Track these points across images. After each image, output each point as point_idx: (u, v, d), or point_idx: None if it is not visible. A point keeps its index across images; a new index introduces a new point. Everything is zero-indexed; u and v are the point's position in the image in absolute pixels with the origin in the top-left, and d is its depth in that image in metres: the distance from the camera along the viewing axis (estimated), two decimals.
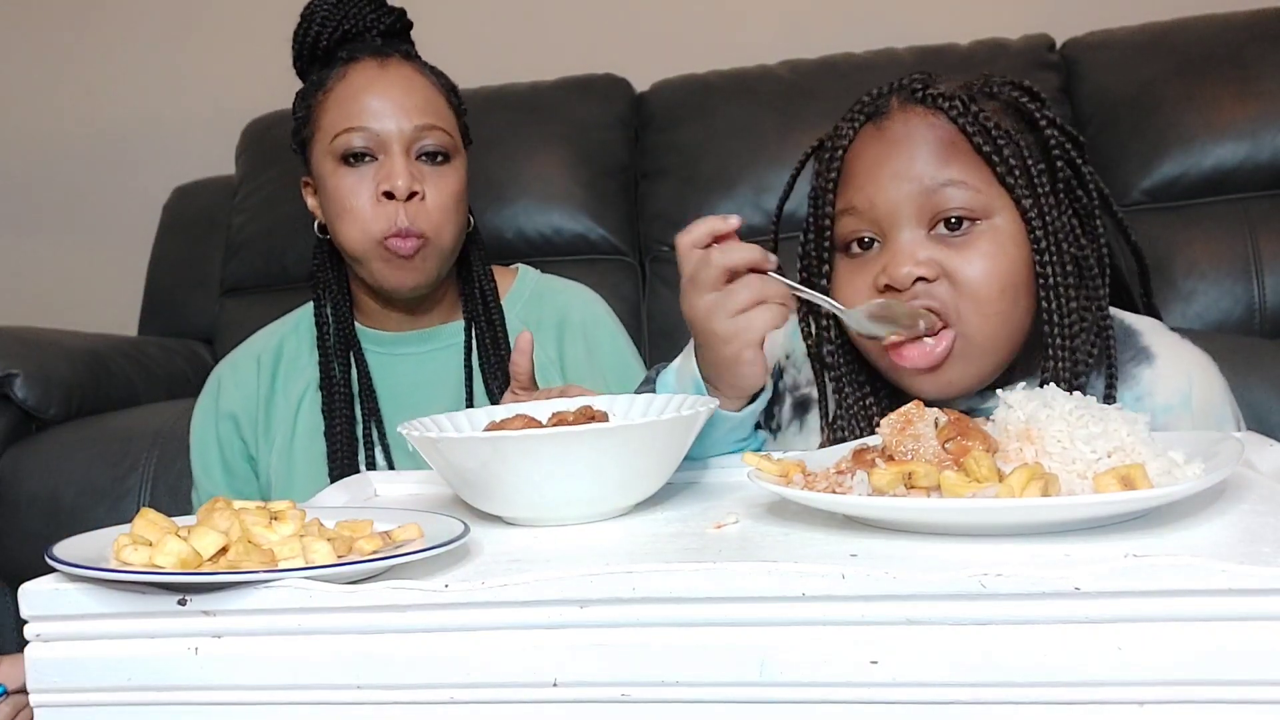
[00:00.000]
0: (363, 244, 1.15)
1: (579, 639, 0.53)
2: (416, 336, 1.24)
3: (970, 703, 0.50)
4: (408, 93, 1.17)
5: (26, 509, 1.60)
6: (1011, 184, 0.84)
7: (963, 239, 0.84)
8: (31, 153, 2.56)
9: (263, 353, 1.27)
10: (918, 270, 0.83)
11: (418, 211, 1.14)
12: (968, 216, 0.84)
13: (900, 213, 0.85)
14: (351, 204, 1.15)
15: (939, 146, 0.85)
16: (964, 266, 0.83)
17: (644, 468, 0.71)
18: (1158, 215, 1.93)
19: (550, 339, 1.25)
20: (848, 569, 0.51)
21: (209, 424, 1.26)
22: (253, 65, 2.46)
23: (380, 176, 1.15)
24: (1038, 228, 0.84)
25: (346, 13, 1.19)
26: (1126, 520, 0.60)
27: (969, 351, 0.84)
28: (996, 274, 0.83)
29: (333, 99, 1.18)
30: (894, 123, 0.88)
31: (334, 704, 0.56)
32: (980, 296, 0.83)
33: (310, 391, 1.22)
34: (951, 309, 0.83)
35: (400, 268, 1.15)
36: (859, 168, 0.87)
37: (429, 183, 1.16)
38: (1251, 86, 1.91)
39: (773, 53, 2.13)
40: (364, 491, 0.89)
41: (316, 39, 1.20)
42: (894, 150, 0.86)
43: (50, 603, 0.58)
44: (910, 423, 0.66)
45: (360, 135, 1.15)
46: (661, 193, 2.07)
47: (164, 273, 2.24)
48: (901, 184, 0.84)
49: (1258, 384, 1.41)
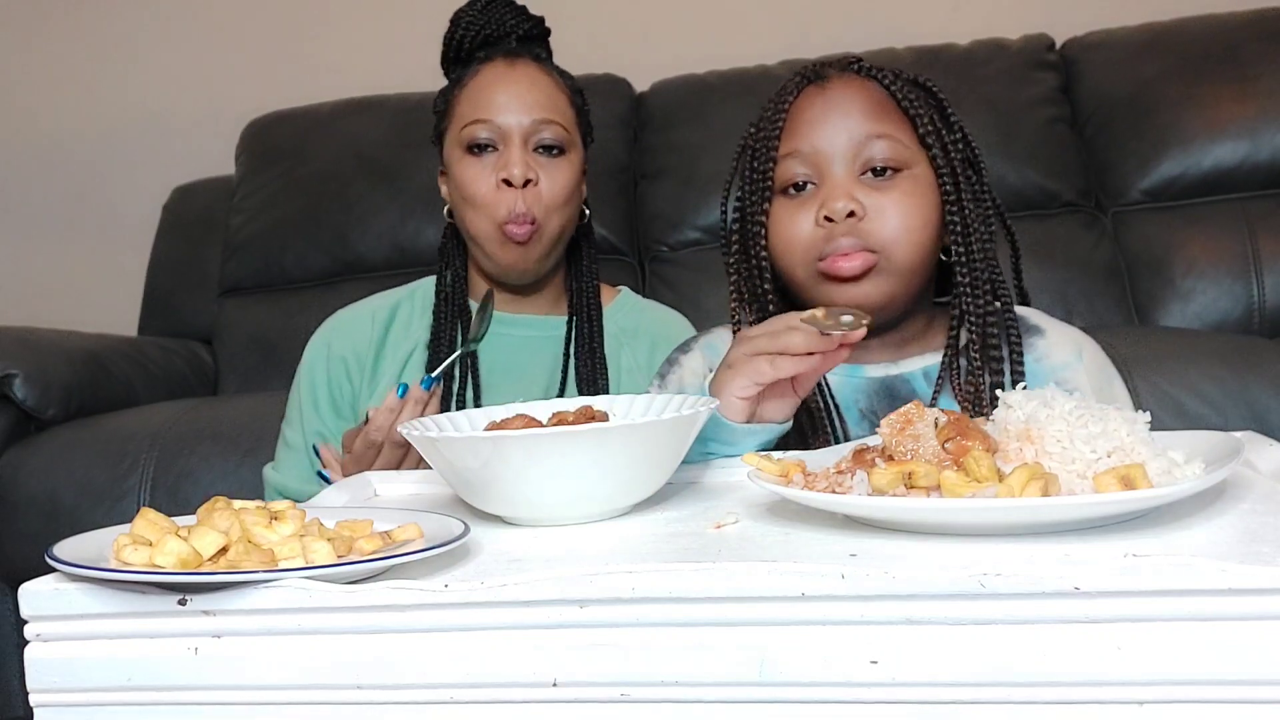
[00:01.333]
0: (484, 228, 1.26)
1: (579, 639, 0.53)
2: (521, 320, 1.33)
3: (970, 703, 0.50)
4: (530, 89, 1.27)
5: (26, 509, 1.60)
6: (930, 143, 1.00)
7: (888, 183, 0.99)
8: (31, 153, 2.56)
9: (378, 310, 1.36)
10: (851, 204, 0.97)
11: (533, 198, 1.24)
12: (892, 166, 0.99)
13: (838, 158, 0.99)
14: (474, 190, 1.25)
15: (872, 106, 1.00)
16: (889, 204, 0.98)
17: (644, 468, 0.71)
18: (1157, 215, 1.93)
19: (643, 348, 1.34)
20: (848, 569, 0.51)
21: (320, 364, 1.33)
22: (253, 65, 2.46)
23: (499, 165, 1.25)
24: (947, 179, 1.00)
25: (490, 18, 1.31)
26: (1126, 520, 0.60)
27: (889, 269, 0.98)
28: (915, 210, 0.98)
29: (465, 94, 1.29)
30: (834, 84, 1.02)
31: (334, 704, 0.56)
32: (901, 226, 0.97)
33: (417, 352, 1.32)
34: (876, 239, 0.97)
35: (513, 251, 1.26)
36: (802, 119, 1.01)
37: (544, 172, 1.26)
38: (1251, 86, 1.91)
39: (773, 53, 2.13)
40: (364, 491, 0.89)
41: (461, 41, 1.31)
42: (835, 105, 1.00)
43: (50, 603, 0.58)
44: (910, 423, 0.66)
45: (484, 127, 1.26)
46: (661, 193, 2.07)
47: (164, 273, 2.24)
48: (839, 134, 0.99)
49: (1258, 384, 1.41)
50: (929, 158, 1.00)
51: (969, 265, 1.00)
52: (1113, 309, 1.87)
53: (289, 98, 2.29)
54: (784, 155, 1.01)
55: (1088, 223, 1.95)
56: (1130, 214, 1.95)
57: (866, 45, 2.08)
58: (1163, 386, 1.43)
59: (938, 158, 1.00)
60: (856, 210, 0.96)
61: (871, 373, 1.03)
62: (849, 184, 0.98)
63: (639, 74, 2.18)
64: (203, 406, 1.75)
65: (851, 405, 1.02)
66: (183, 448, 1.61)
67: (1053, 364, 1.02)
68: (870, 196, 0.98)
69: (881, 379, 1.03)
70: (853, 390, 1.03)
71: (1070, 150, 1.99)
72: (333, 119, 2.21)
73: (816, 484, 0.66)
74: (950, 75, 2.00)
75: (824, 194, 0.98)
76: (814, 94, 1.02)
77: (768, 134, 1.02)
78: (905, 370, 1.03)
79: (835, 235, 0.97)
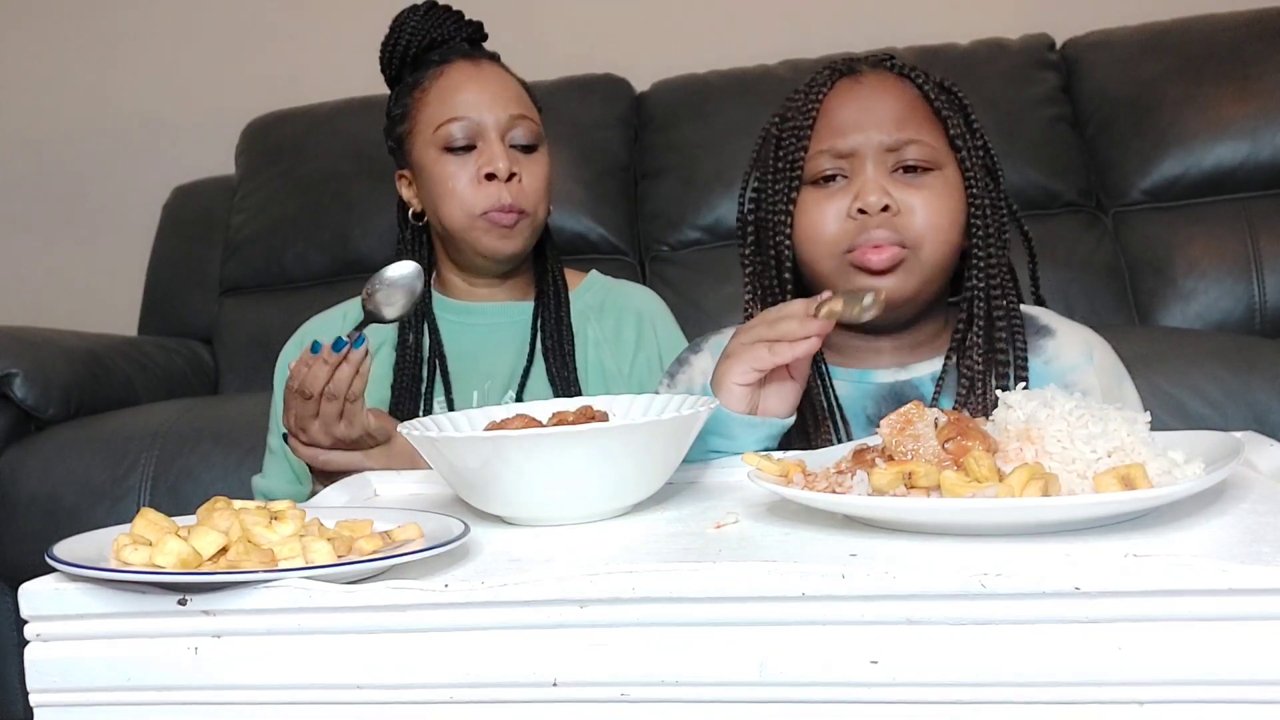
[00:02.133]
0: (464, 219, 1.27)
1: (579, 639, 0.53)
2: (489, 308, 1.35)
3: (970, 703, 0.50)
4: (501, 87, 1.30)
5: (26, 509, 1.60)
6: (960, 145, 1.02)
7: (920, 180, 1.00)
8: (31, 152, 2.56)
9: (349, 310, 1.38)
10: (885, 199, 0.98)
11: (517, 191, 1.27)
12: (924, 165, 1.00)
13: (872, 153, 0.99)
14: (454, 185, 1.27)
15: (906, 106, 1.01)
16: (920, 201, 0.99)
17: (644, 467, 0.71)
18: (1158, 214, 1.93)
19: (609, 320, 1.36)
20: (848, 569, 0.51)
21: None
22: (253, 65, 2.46)
23: (482, 161, 1.26)
24: (974, 181, 1.01)
25: (433, 24, 1.32)
26: (1126, 520, 0.60)
27: (916, 264, 0.99)
28: (945, 209, 1.00)
29: (432, 95, 1.29)
30: (869, 80, 1.03)
31: (334, 704, 0.56)
32: (932, 224, 0.99)
33: (385, 349, 1.33)
34: (908, 234, 0.98)
35: (501, 235, 1.27)
36: (837, 113, 1.01)
37: (523, 167, 1.28)
38: (1251, 86, 1.91)
39: (773, 53, 2.13)
40: (364, 491, 0.89)
41: (406, 47, 1.32)
42: (871, 101, 1.01)
43: (50, 603, 0.58)
44: (910, 423, 0.66)
45: (460, 125, 1.27)
46: (661, 192, 2.07)
47: (164, 273, 2.24)
48: (875, 131, 1.00)
49: (1258, 384, 1.41)
50: (957, 160, 1.02)
51: (985, 269, 1.01)
52: (1114, 309, 1.87)
53: (289, 98, 2.29)
54: (817, 148, 1.01)
55: (1089, 223, 1.95)
56: (1131, 214, 1.95)
57: (867, 45, 2.07)
58: (1164, 386, 1.42)
59: (965, 160, 1.01)
60: (891, 205, 0.98)
61: (880, 378, 1.03)
62: (883, 178, 0.99)
63: (639, 74, 2.18)
64: (203, 406, 1.75)
65: (859, 411, 1.02)
66: (183, 447, 1.61)
67: (1062, 366, 1.02)
68: (903, 193, 0.99)
69: (890, 385, 1.03)
70: (861, 396, 1.03)
71: (1071, 150, 1.99)
72: (333, 119, 2.21)
73: (817, 484, 0.66)
74: (951, 75, 1.97)
75: (857, 187, 0.99)
76: (848, 87, 1.03)
77: (798, 124, 1.02)
78: (914, 376, 1.03)
79: (868, 227, 0.98)
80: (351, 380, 1.00)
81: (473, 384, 1.30)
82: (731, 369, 0.90)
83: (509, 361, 1.32)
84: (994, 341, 1.00)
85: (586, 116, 2.09)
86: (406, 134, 1.32)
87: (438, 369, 1.31)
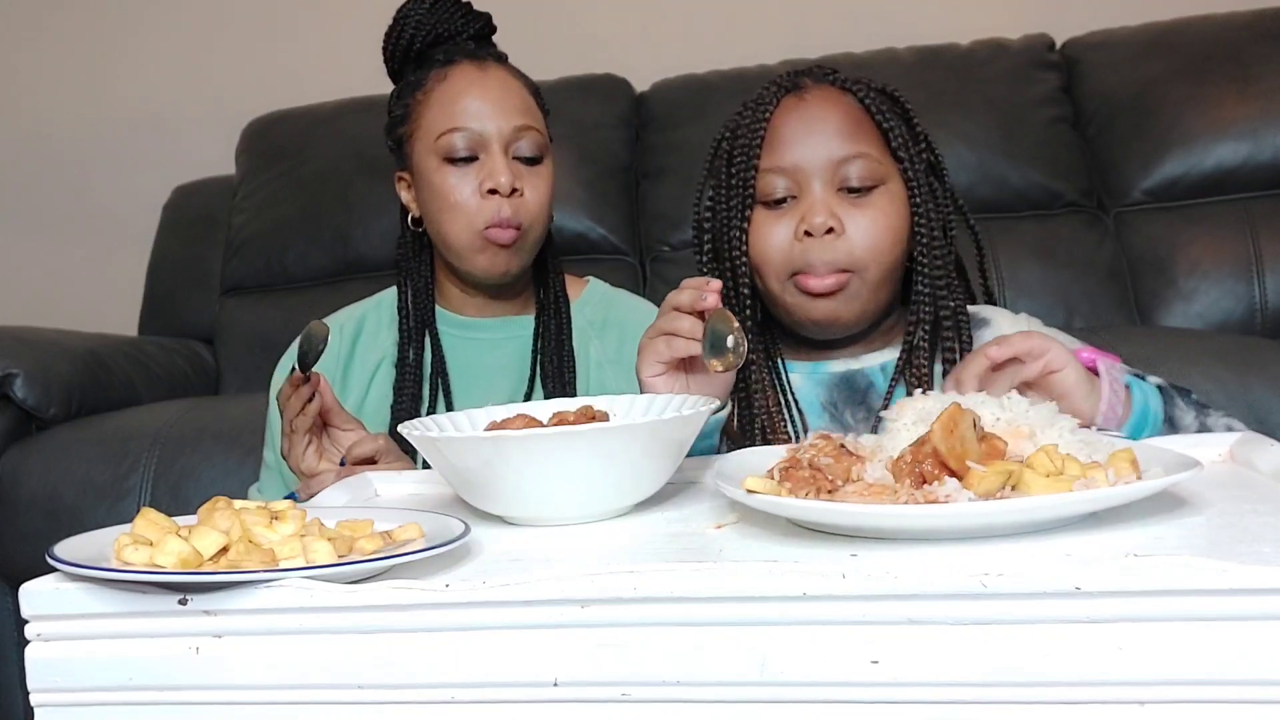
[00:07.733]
0: (465, 235, 1.23)
1: (579, 639, 0.53)
2: (490, 323, 1.32)
3: (970, 702, 0.50)
4: (506, 95, 1.25)
5: (26, 509, 1.60)
6: (902, 156, 1.04)
7: (864, 199, 1.02)
8: (32, 152, 2.56)
9: (345, 323, 1.34)
10: (830, 221, 1.01)
11: (519, 206, 1.23)
12: (868, 184, 1.02)
13: (817, 173, 1.02)
14: (455, 199, 1.22)
15: (849, 121, 1.04)
16: (866, 221, 1.02)
17: (645, 467, 0.71)
18: (1159, 215, 1.93)
19: (612, 340, 1.33)
20: (848, 569, 0.51)
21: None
22: (253, 65, 2.46)
23: (484, 175, 1.22)
24: (916, 192, 1.04)
25: (439, 17, 1.27)
26: (1129, 506, 0.60)
27: (860, 286, 1.03)
28: (889, 227, 1.02)
29: (435, 99, 1.25)
30: (813, 95, 1.05)
31: (334, 704, 0.56)
32: (875, 245, 1.02)
33: (385, 364, 1.30)
34: (851, 257, 1.01)
35: (496, 255, 1.24)
36: (782, 133, 1.04)
37: (525, 181, 1.24)
38: (1252, 86, 1.91)
39: (773, 53, 2.13)
40: (364, 491, 0.89)
41: (410, 42, 1.27)
42: (814, 119, 1.03)
43: (50, 603, 0.58)
44: (957, 425, 0.65)
45: (462, 135, 1.22)
46: (662, 192, 2.07)
47: (164, 273, 2.24)
48: (819, 150, 1.02)
49: (1258, 384, 1.41)
50: (900, 170, 1.05)
51: (929, 275, 1.05)
52: (1115, 309, 1.87)
53: (289, 98, 2.29)
54: (764, 169, 1.04)
55: (1090, 223, 1.95)
56: (1132, 214, 1.95)
57: (866, 45, 2.08)
58: None
59: (907, 170, 1.04)
60: (835, 227, 1.01)
61: (834, 368, 1.08)
62: (828, 199, 1.02)
63: (639, 74, 2.18)
64: (204, 406, 1.75)
65: (814, 400, 1.07)
66: (184, 447, 1.61)
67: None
68: (848, 213, 1.02)
69: (842, 373, 1.08)
70: (814, 385, 1.08)
71: (1072, 150, 1.99)
72: (334, 119, 2.21)
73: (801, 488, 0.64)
74: (951, 75, 1.99)
75: (803, 208, 1.02)
76: (792, 106, 1.05)
77: (748, 144, 1.05)
78: (865, 365, 1.08)
79: (811, 251, 1.01)
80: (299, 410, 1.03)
81: (472, 404, 1.25)
82: (641, 365, 0.93)
83: (510, 381, 1.30)
84: (940, 340, 1.05)
85: (587, 116, 2.09)
86: (407, 136, 1.27)
87: (440, 387, 1.28)
